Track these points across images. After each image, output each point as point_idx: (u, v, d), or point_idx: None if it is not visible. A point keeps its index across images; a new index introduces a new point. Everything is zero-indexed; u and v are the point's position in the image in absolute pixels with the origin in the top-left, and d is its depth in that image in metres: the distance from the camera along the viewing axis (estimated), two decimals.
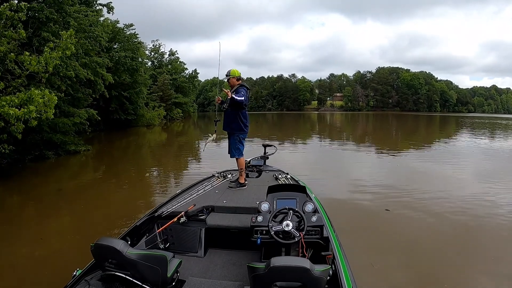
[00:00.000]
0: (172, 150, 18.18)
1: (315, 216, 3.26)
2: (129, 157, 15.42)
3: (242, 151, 5.16)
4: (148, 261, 2.48)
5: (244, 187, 4.87)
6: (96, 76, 16.47)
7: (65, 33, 8.86)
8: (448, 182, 9.28)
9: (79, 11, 12.32)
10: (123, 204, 7.60)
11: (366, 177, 9.68)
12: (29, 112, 7.72)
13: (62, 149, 13.33)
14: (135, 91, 29.71)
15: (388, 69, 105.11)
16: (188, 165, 13.00)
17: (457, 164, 12.10)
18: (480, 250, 4.95)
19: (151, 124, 34.26)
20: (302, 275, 2.19)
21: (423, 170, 11.09)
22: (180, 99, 47.44)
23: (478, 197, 7.61)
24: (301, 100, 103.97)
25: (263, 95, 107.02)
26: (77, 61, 14.46)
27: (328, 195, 7.30)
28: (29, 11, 11.51)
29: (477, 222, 6.10)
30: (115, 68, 26.58)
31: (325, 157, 14.37)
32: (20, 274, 4.36)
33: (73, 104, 15.63)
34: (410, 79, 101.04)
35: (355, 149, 17.09)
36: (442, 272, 4.24)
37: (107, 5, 18.76)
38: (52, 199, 7.99)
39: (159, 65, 51.19)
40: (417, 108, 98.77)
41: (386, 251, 4.85)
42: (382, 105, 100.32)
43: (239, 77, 5.11)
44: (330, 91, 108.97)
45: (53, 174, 11.10)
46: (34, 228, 6.05)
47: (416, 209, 6.74)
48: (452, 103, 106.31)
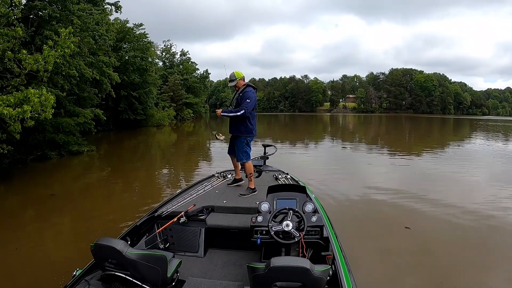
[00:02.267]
0: (180, 151, 17.88)
1: (315, 216, 3.23)
2: (134, 158, 15.13)
3: (249, 154, 4.95)
4: (148, 261, 2.46)
5: (255, 193, 4.63)
6: (103, 76, 16.30)
7: (64, 31, 8.59)
8: (473, 190, 8.55)
9: (83, 9, 12.08)
10: (123, 207, 7.33)
11: (383, 186, 8.83)
12: (23, 112, 7.49)
13: (65, 150, 13.15)
14: (144, 91, 29.63)
15: (401, 70, 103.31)
16: (197, 166, 12.66)
17: (477, 170, 11.40)
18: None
19: (160, 124, 34.11)
20: (302, 275, 2.18)
21: (442, 176, 10.27)
22: (191, 99, 47.38)
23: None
24: (313, 101, 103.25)
25: (275, 96, 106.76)
26: (83, 60, 14.35)
27: (340, 206, 6.86)
28: (32, 10, 11.40)
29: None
30: (124, 68, 26.58)
31: (337, 161, 13.72)
32: (20, 274, 4.36)
33: (79, 103, 15.50)
34: (423, 81, 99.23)
35: (369, 152, 16.45)
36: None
37: (115, 4, 18.61)
38: (47, 201, 7.79)
39: (170, 65, 51.23)
40: (430, 110, 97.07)
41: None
42: (395, 107, 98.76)
43: (244, 78, 4.90)
44: (343, 92, 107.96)
45: (53, 175, 10.89)
46: (31, 229, 6.01)
47: (441, 227, 5.90)
48: (466, 106, 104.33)
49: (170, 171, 11.87)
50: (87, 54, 13.82)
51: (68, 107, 14.27)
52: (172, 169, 12.20)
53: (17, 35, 8.32)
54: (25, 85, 9.34)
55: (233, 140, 4.98)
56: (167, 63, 52.22)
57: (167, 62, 52.27)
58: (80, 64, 13.01)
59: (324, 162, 13.52)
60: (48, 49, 8.42)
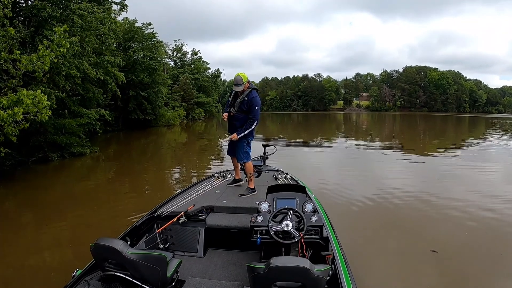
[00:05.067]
0: (189, 151, 17.52)
1: (315, 216, 3.23)
2: (140, 159, 14.85)
3: (250, 154, 4.97)
4: (148, 261, 2.46)
5: (255, 193, 4.62)
6: (108, 76, 16.09)
7: (59, 29, 8.30)
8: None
9: (85, 8, 11.81)
10: (122, 210, 7.15)
11: (404, 194, 7.92)
12: (14, 115, 7.22)
13: (67, 151, 12.93)
14: (153, 91, 29.43)
15: (415, 68, 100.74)
16: (206, 168, 12.25)
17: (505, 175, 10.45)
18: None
19: (171, 124, 33.90)
20: (302, 275, 2.17)
21: (471, 186, 9.00)
22: (202, 98, 47.11)
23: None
24: (326, 100, 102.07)
25: (288, 95, 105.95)
26: (89, 60, 14.15)
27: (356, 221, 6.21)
28: (32, 9, 11.19)
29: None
30: (132, 68, 26.47)
31: (352, 162, 13.13)
32: (21, 274, 4.38)
33: (84, 104, 15.32)
34: (438, 78, 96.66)
35: (385, 154, 15.55)
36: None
37: (121, 3, 18.39)
38: (47, 203, 7.75)
39: (181, 65, 51.17)
40: (445, 108, 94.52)
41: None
42: (410, 105, 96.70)
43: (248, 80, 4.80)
44: (356, 91, 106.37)
45: (53, 177, 10.73)
46: (30, 230, 6.06)
47: (474, 254, 4.93)
48: (481, 104, 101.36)
49: (170, 173, 11.53)
50: (90, 53, 13.58)
51: (73, 107, 14.08)
52: (174, 171, 11.89)
53: (9, 35, 8.04)
54: (24, 86, 9.16)
55: (233, 140, 4.91)
56: (178, 62, 52.19)
57: (178, 62, 52.25)
58: (83, 64, 12.80)
59: (338, 163, 12.94)
60: (43, 49, 8.17)
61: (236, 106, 4.76)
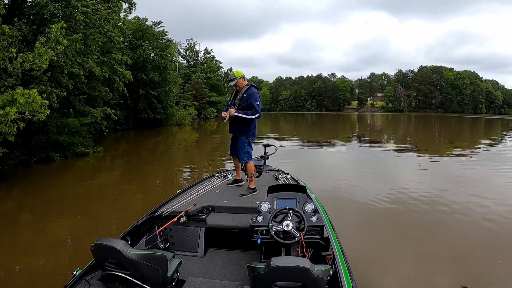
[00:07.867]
0: (200, 152, 17.12)
1: (315, 216, 3.24)
2: (146, 158, 14.60)
3: (251, 154, 4.95)
4: (148, 261, 2.45)
5: (255, 193, 4.61)
6: (114, 74, 15.88)
7: (56, 26, 8.04)
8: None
9: (88, 5, 11.57)
10: (121, 211, 7.03)
11: (412, 199, 7.38)
12: (6, 115, 6.98)
13: (69, 151, 12.74)
14: (164, 90, 29.24)
15: (431, 68, 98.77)
16: (218, 166, 11.92)
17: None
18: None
19: (182, 123, 33.65)
20: (302, 275, 2.17)
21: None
22: (214, 98, 46.87)
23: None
24: (340, 100, 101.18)
25: (302, 95, 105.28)
26: (96, 59, 13.97)
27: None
28: (34, 8, 11.02)
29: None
30: (142, 66, 26.33)
31: (368, 165, 12.54)
32: (20, 274, 4.41)
33: (90, 103, 15.15)
34: (454, 79, 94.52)
35: (403, 159, 14.44)
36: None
37: (129, 1, 18.16)
38: (47, 203, 7.69)
39: (194, 64, 51.11)
40: (461, 109, 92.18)
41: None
42: (425, 106, 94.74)
43: (245, 76, 4.86)
44: (371, 91, 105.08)
45: (52, 177, 10.54)
46: (30, 231, 6.00)
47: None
48: (498, 105, 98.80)
49: (171, 174, 11.21)
50: (94, 51, 13.36)
51: (78, 106, 13.93)
52: (176, 172, 11.55)
53: (8, 33, 7.83)
54: (24, 85, 8.96)
55: (234, 140, 4.99)
56: (190, 61, 52.14)
57: (190, 61, 52.18)
58: (88, 62, 12.59)
59: (351, 165, 12.40)
60: (40, 46, 7.92)
61: (236, 103, 4.77)
